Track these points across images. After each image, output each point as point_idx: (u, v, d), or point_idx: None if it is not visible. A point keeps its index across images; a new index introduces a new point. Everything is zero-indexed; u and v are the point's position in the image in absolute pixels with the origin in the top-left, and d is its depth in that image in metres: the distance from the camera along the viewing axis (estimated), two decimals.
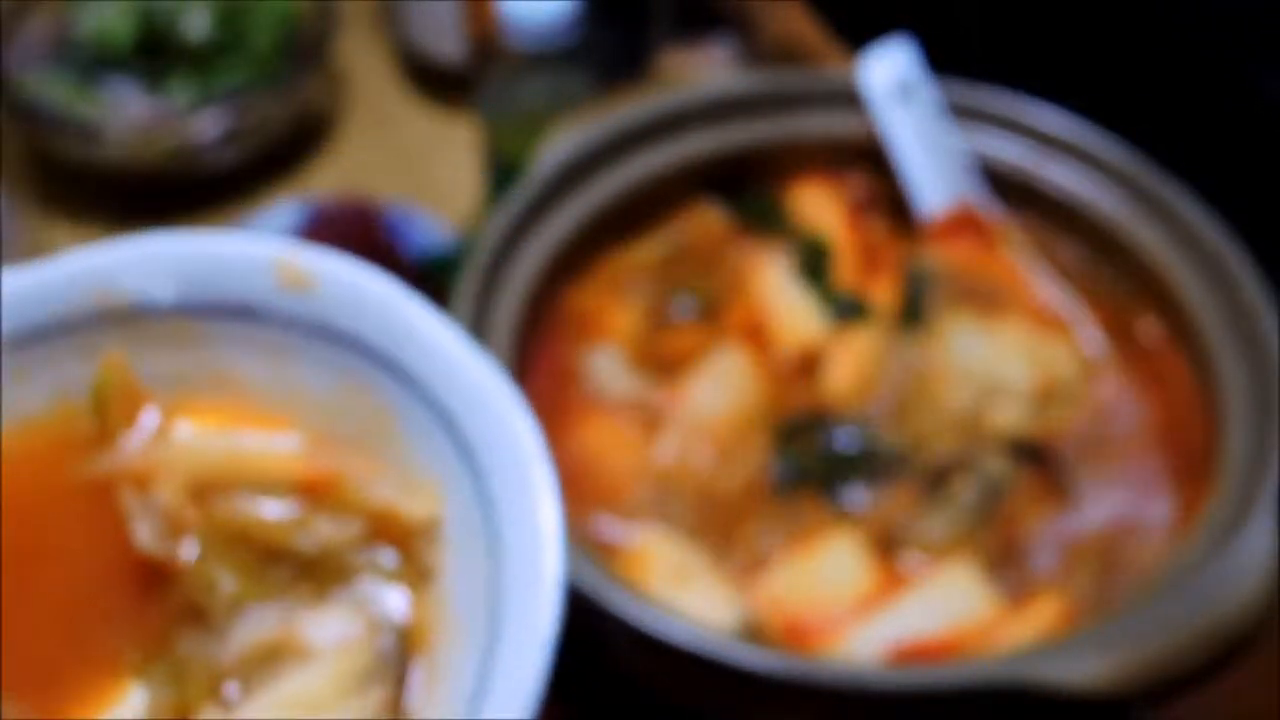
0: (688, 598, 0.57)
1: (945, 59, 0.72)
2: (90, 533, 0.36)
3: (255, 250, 0.38)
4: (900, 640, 0.57)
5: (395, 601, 0.36)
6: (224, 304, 0.38)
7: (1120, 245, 0.66)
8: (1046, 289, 0.68)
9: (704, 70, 0.92)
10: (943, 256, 0.69)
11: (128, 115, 1.00)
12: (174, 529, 0.36)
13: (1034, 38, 0.98)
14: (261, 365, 0.39)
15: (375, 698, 0.34)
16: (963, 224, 0.69)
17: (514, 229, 0.64)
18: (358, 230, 0.96)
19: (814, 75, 0.71)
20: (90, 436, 0.38)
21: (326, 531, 0.36)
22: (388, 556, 0.36)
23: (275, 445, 0.38)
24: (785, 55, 0.97)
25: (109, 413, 0.38)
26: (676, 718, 0.57)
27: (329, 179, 1.06)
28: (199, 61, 1.02)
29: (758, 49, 0.93)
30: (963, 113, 0.70)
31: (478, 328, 0.61)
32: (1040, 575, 0.59)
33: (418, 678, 0.34)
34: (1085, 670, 0.50)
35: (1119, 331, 0.66)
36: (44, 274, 0.38)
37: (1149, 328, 0.65)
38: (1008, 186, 0.69)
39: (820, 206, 0.71)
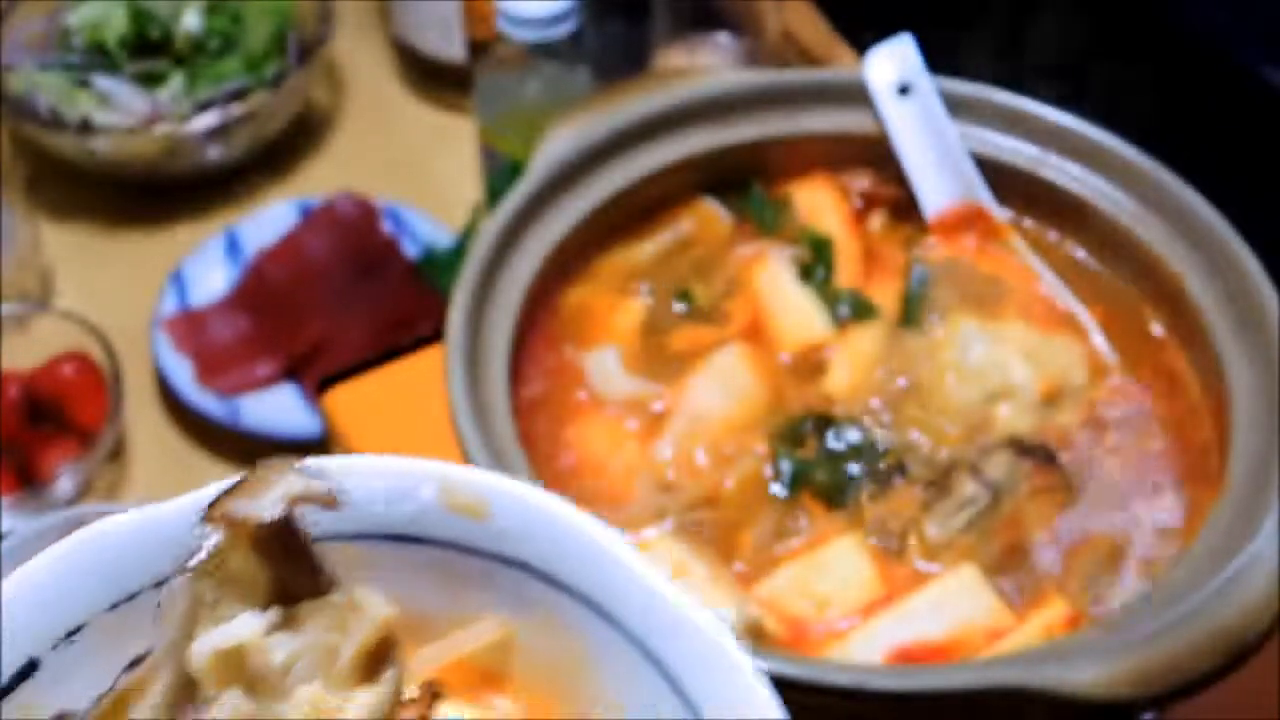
0: None
1: (948, 57, 0.72)
2: None
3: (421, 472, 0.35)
4: (903, 642, 0.56)
5: None
6: (388, 529, 0.36)
7: (1125, 243, 0.66)
8: (1051, 287, 0.67)
9: (705, 69, 0.91)
10: (946, 255, 0.68)
11: (122, 112, 0.99)
12: None
13: (1036, 35, 0.98)
14: (434, 592, 0.36)
15: None
16: (966, 222, 0.69)
17: (513, 228, 0.64)
18: (357, 229, 0.96)
19: (816, 73, 0.71)
20: None
21: None
22: None
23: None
24: (787, 54, 0.96)
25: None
26: None
27: (327, 177, 1.06)
28: (194, 59, 1.02)
29: (759, 48, 0.93)
30: (966, 110, 0.69)
31: (477, 328, 0.60)
32: (1045, 577, 0.58)
33: None
34: (1090, 675, 0.50)
35: (1125, 330, 0.66)
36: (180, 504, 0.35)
37: (1155, 326, 0.65)
38: (1011, 184, 0.69)
39: (822, 205, 0.70)
